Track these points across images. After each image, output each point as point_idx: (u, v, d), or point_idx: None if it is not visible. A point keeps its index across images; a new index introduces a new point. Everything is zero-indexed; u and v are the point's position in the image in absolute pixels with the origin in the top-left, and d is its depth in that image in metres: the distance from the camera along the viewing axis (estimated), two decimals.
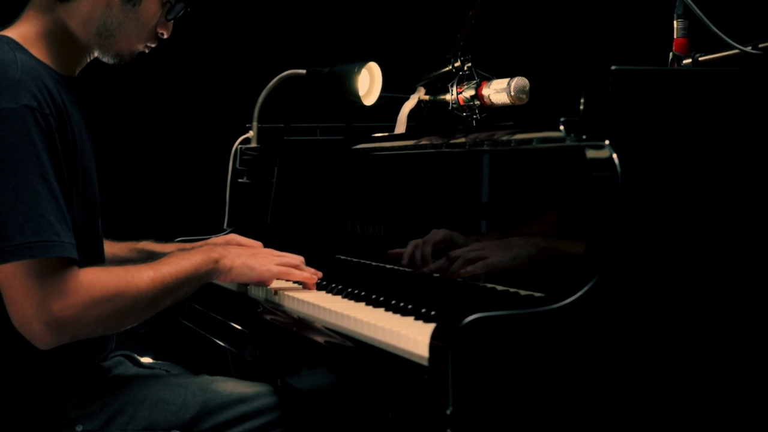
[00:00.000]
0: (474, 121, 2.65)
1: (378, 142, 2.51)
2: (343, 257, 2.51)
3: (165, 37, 2.20)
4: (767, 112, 1.65)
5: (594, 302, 1.55)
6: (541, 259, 1.82)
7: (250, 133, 3.00)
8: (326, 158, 2.78)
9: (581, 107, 1.62)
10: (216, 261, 2.12)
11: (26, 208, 1.85)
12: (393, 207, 2.34)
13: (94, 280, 1.91)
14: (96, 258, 2.14)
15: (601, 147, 1.59)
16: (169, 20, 2.18)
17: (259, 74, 3.06)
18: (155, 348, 2.44)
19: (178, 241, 2.91)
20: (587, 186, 1.62)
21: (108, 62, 2.17)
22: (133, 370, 2.25)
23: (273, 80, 2.98)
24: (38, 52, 2.04)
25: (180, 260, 2.07)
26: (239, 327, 2.43)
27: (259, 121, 2.99)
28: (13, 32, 2.06)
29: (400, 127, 2.77)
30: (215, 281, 2.17)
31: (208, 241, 2.50)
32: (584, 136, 1.63)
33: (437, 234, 2.10)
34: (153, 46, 2.20)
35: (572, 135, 1.64)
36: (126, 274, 1.97)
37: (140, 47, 2.17)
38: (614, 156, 1.57)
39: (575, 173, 1.66)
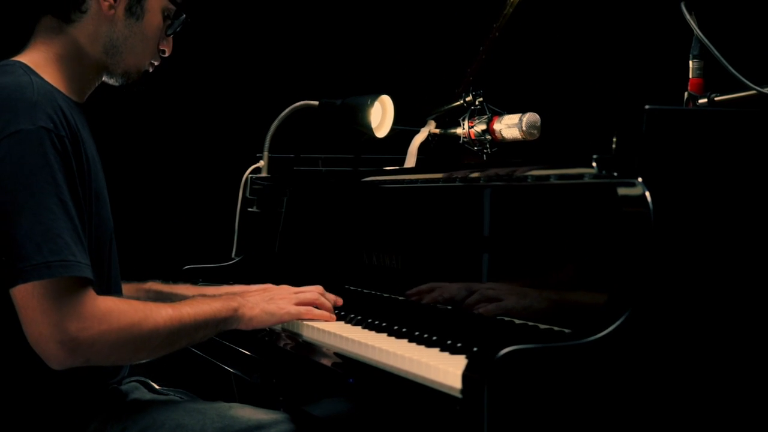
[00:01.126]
0: (485, 155, 2.69)
1: (396, 175, 2.54)
2: (352, 288, 2.53)
3: (166, 54, 2.23)
4: None
5: (625, 337, 1.58)
6: (565, 294, 1.86)
7: (261, 163, 3.03)
8: (336, 189, 2.81)
9: (613, 145, 1.66)
10: (235, 310, 2.13)
11: (44, 229, 1.86)
12: (409, 239, 2.37)
13: (113, 308, 1.93)
14: (109, 279, 2.15)
15: (634, 184, 1.62)
16: (169, 35, 2.21)
17: (270, 104, 3.10)
18: (159, 375, 2.44)
19: (187, 269, 2.93)
20: (619, 222, 1.65)
21: (116, 83, 2.20)
22: (149, 395, 2.26)
23: (285, 111, 3.01)
24: (49, 77, 2.06)
25: (201, 304, 2.08)
26: (252, 354, 2.44)
27: (269, 151, 3.02)
28: (24, 58, 2.08)
29: (411, 159, 2.80)
30: (236, 328, 2.17)
31: (234, 288, 2.51)
32: (615, 173, 1.66)
33: (458, 268, 2.13)
34: (156, 64, 2.23)
35: (604, 172, 1.67)
36: (145, 308, 1.99)
37: (145, 64, 2.20)
38: (647, 193, 1.60)
39: (605, 209, 1.69)
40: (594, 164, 1.68)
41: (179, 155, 4.00)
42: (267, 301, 2.20)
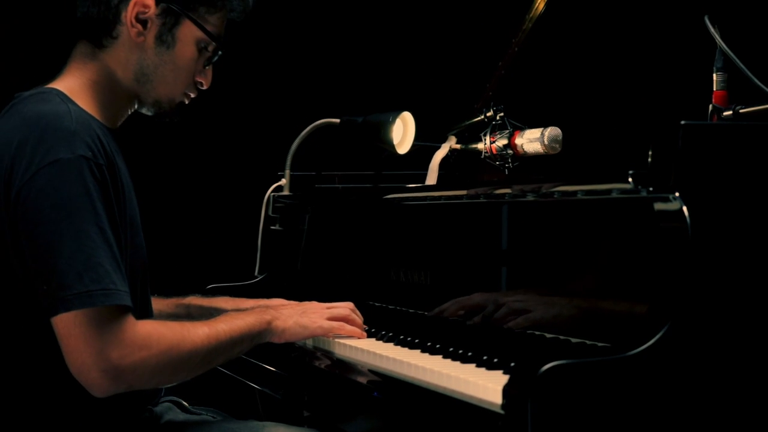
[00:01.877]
0: (506, 170, 2.70)
1: (419, 192, 2.55)
2: (377, 304, 2.54)
3: (204, 87, 2.22)
4: None
5: (666, 350, 1.60)
6: (596, 309, 1.87)
7: (283, 181, 3.04)
8: (358, 207, 2.83)
9: (649, 160, 1.67)
10: (269, 322, 2.16)
11: (85, 257, 1.87)
12: (436, 255, 2.38)
13: (152, 332, 1.94)
14: (145, 305, 2.16)
15: (671, 199, 1.64)
16: (206, 67, 2.21)
17: (292, 123, 3.11)
18: (188, 394, 2.46)
19: (210, 288, 2.95)
20: (656, 237, 1.66)
21: (148, 113, 2.20)
22: (182, 416, 2.27)
23: (306, 129, 3.02)
24: (84, 103, 2.07)
25: (234, 319, 2.10)
26: (280, 371, 2.46)
27: (291, 169, 3.03)
28: (60, 85, 2.09)
29: (432, 175, 2.82)
30: (269, 341, 2.19)
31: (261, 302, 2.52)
32: (651, 188, 1.68)
33: (487, 283, 2.15)
34: (193, 96, 2.22)
35: (640, 187, 1.68)
36: (182, 329, 2.00)
37: (179, 95, 2.19)
38: (684, 208, 1.62)
39: (642, 224, 1.71)
40: (630, 179, 1.69)
41: (202, 174, 4.03)
42: (300, 315, 2.22)
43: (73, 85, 2.09)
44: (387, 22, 4.15)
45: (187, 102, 2.23)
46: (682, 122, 1.63)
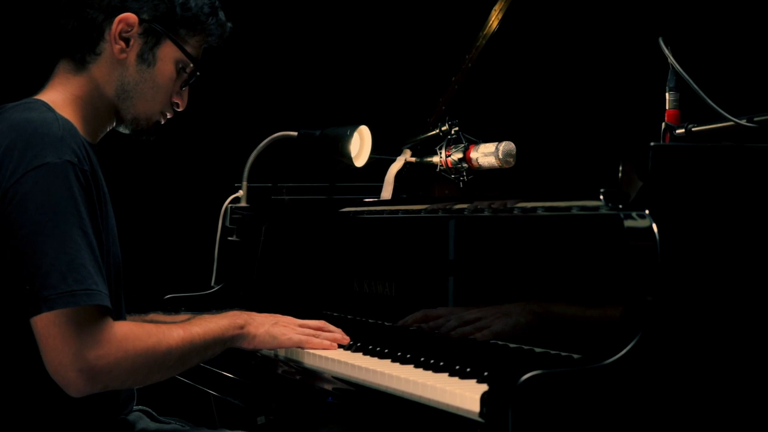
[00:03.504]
0: (461, 183, 2.77)
1: (374, 206, 2.61)
2: (335, 314, 2.59)
3: (180, 108, 2.29)
4: None
5: (637, 359, 1.68)
6: (560, 320, 1.95)
7: (240, 193, 3.08)
8: (314, 219, 2.88)
9: (619, 178, 1.75)
10: (241, 327, 2.21)
11: (69, 259, 1.92)
12: (396, 268, 2.44)
13: (128, 333, 1.99)
14: (119, 310, 2.20)
15: (641, 217, 1.72)
16: (183, 88, 2.26)
17: (249, 135, 3.16)
18: (153, 404, 2.49)
19: (168, 298, 2.98)
20: (626, 253, 1.74)
21: (125, 131, 2.26)
22: (153, 425, 2.30)
23: (264, 141, 3.07)
24: (67, 116, 2.10)
25: (208, 323, 2.16)
26: (242, 380, 2.50)
27: (248, 181, 3.08)
28: (44, 97, 2.13)
29: (387, 187, 2.88)
30: (239, 346, 2.23)
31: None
32: (621, 206, 1.76)
33: (453, 295, 2.21)
34: (169, 116, 2.28)
35: (610, 205, 1.76)
36: (157, 331, 2.05)
37: (156, 114, 2.25)
38: (653, 226, 1.70)
39: (611, 241, 1.79)
40: (601, 197, 1.77)
41: (160, 185, 4.06)
42: (272, 324, 2.27)
43: (56, 98, 2.14)
44: (345, 37, 4.22)
45: (162, 121, 2.29)
46: (652, 144, 1.72)
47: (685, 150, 1.78)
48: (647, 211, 1.71)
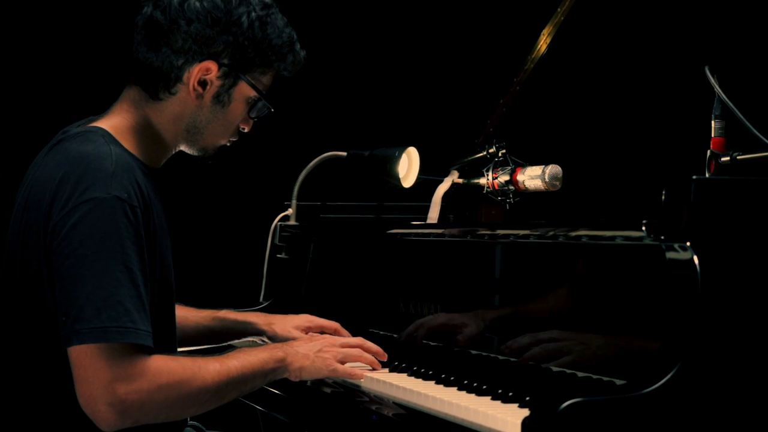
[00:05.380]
0: (507, 205, 2.81)
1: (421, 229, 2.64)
2: (381, 333, 2.64)
3: (246, 131, 2.31)
4: None
5: (675, 389, 1.70)
6: (606, 347, 1.98)
7: (289, 211, 3.13)
8: (361, 239, 2.93)
9: (662, 210, 1.78)
10: (282, 360, 2.19)
11: (106, 294, 1.94)
12: (442, 290, 2.48)
13: (162, 367, 1.99)
14: (169, 342, 2.22)
15: (683, 249, 1.75)
16: (252, 118, 2.29)
17: (299, 154, 3.21)
18: (201, 418, 2.54)
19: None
20: (667, 284, 1.77)
21: (192, 154, 2.29)
22: None
23: (313, 161, 3.12)
24: (128, 144, 2.15)
25: (247, 356, 2.14)
26: (288, 396, 2.55)
27: (298, 199, 3.13)
28: (106, 123, 2.17)
29: (435, 208, 2.92)
30: (284, 377, 2.23)
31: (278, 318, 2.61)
32: (663, 237, 1.79)
33: (496, 317, 2.25)
34: (235, 140, 2.31)
35: (652, 236, 1.79)
36: (193, 365, 2.04)
37: (224, 142, 2.28)
38: (694, 257, 1.73)
39: (653, 271, 1.82)
40: (643, 228, 1.80)
41: (212, 203, 4.15)
42: (315, 355, 2.25)
43: (120, 125, 2.17)
44: (396, 59, 4.28)
45: (228, 145, 2.31)
46: (694, 177, 1.74)
47: (727, 183, 1.81)
48: (689, 243, 1.73)
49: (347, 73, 4.26)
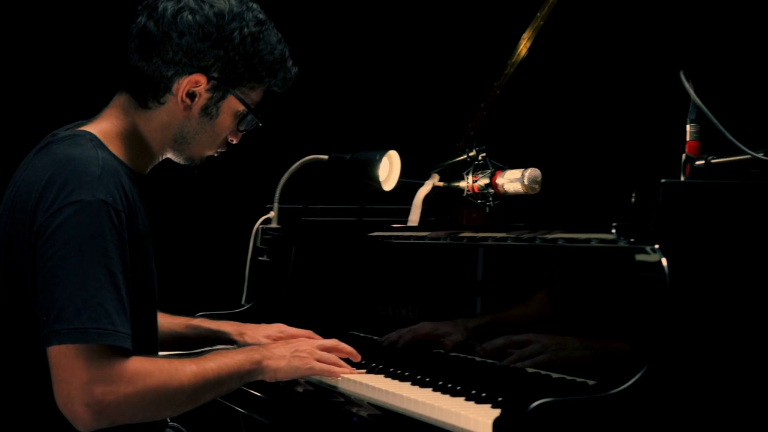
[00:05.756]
0: (487, 208, 2.83)
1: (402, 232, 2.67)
2: (361, 334, 2.66)
3: (234, 143, 2.34)
4: None
5: (644, 389, 1.73)
6: (578, 348, 2.00)
7: (271, 214, 3.16)
8: (343, 242, 2.95)
9: (631, 214, 1.80)
10: (258, 362, 2.21)
11: (87, 296, 1.96)
12: (421, 292, 2.50)
13: (139, 369, 2.00)
14: (150, 346, 2.24)
15: (651, 251, 1.77)
16: (241, 131, 2.31)
17: (281, 158, 3.23)
18: (183, 420, 2.56)
19: (199, 316, 3.04)
20: (636, 286, 1.80)
21: (179, 163, 2.32)
22: None
23: (295, 164, 3.14)
24: (115, 149, 2.17)
25: (223, 358, 2.16)
26: (268, 398, 2.57)
27: (279, 202, 3.15)
28: (95, 127, 2.19)
29: (415, 211, 2.94)
30: (259, 380, 2.24)
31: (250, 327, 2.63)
32: (632, 240, 1.81)
33: (472, 319, 2.27)
34: (223, 150, 2.34)
35: (623, 238, 1.82)
36: (169, 366, 2.06)
37: (211, 153, 2.31)
38: (663, 260, 1.75)
39: (625, 273, 1.84)
40: (614, 230, 1.83)
41: (194, 206, 4.17)
42: (292, 355, 2.26)
43: (108, 130, 2.19)
44: (377, 63, 4.31)
45: (216, 155, 2.34)
46: (662, 180, 1.77)
47: (695, 186, 1.83)
48: (657, 246, 1.76)
49: (329, 76, 4.29)
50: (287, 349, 2.29)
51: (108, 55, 2.39)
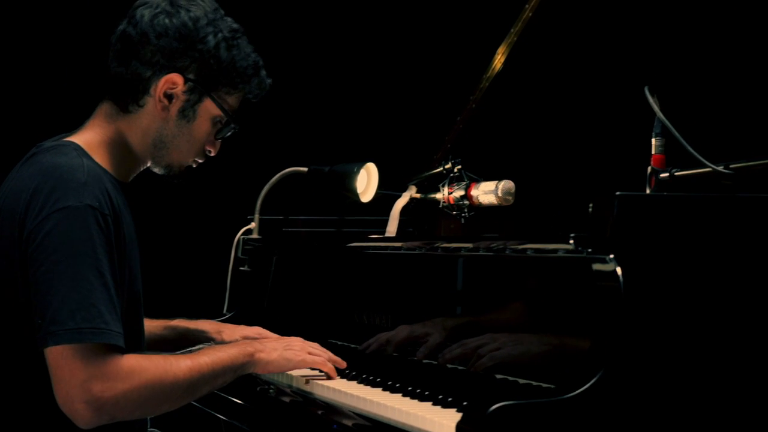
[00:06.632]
0: (462, 219, 2.89)
1: (379, 242, 2.74)
2: (339, 342, 2.72)
3: (212, 154, 2.41)
4: (745, 232, 1.93)
5: (600, 393, 1.80)
6: (542, 354, 2.07)
7: (252, 225, 3.22)
8: (323, 252, 3.01)
9: (589, 224, 1.88)
10: (251, 354, 2.29)
11: (80, 297, 2.04)
12: (396, 301, 2.57)
13: (135, 366, 2.09)
14: (137, 348, 2.29)
15: (607, 261, 1.85)
16: (217, 139, 2.39)
17: (262, 170, 3.30)
18: (165, 427, 2.63)
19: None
20: (593, 294, 1.87)
21: (158, 173, 2.39)
22: None
23: (275, 176, 3.20)
24: (99, 158, 2.24)
25: (217, 352, 2.25)
26: (248, 405, 2.63)
27: (260, 213, 3.21)
28: (79, 138, 2.26)
29: (393, 222, 3.00)
30: (252, 372, 2.33)
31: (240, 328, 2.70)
32: (589, 250, 1.88)
33: (443, 327, 2.34)
34: (200, 161, 2.40)
35: (580, 248, 1.89)
36: (164, 362, 2.14)
37: (189, 161, 2.38)
38: (618, 269, 1.82)
39: (581, 281, 1.91)
40: (571, 241, 1.90)
41: (176, 217, 4.24)
42: (284, 348, 2.36)
43: (91, 140, 2.27)
44: (356, 77, 4.39)
45: (194, 166, 2.41)
46: (617, 193, 1.84)
47: (648, 199, 1.91)
48: (612, 255, 1.83)
49: (308, 90, 4.37)
50: (279, 343, 2.39)
51: (91, 65, 2.46)
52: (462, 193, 2.86)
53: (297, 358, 2.37)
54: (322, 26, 4.39)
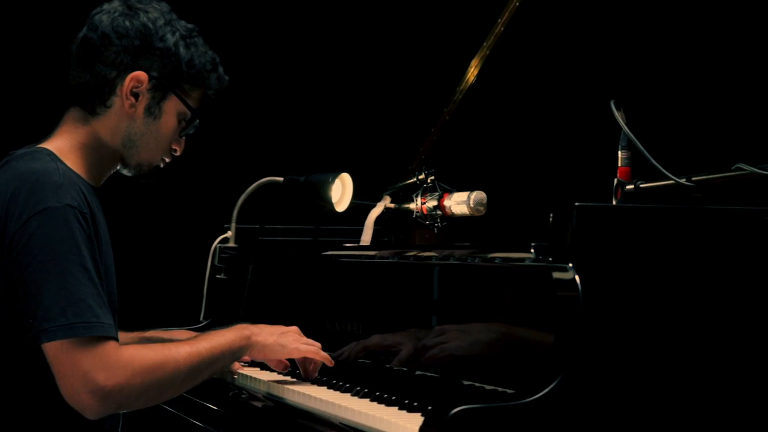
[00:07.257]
0: (435, 229, 2.94)
1: (353, 251, 2.78)
2: None
3: (178, 153, 2.47)
4: (703, 242, 1.98)
5: (558, 398, 1.85)
6: (505, 360, 2.12)
7: (229, 233, 3.26)
8: (298, 260, 3.06)
9: (550, 234, 1.93)
10: (248, 338, 2.39)
11: (69, 294, 2.09)
12: (367, 308, 2.61)
13: (135, 354, 2.15)
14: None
15: (566, 269, 1.90)
16: (181, 136, 2.45)
17: (238, 179, 3.35)
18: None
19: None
20: (552, 301, 1.92)
21: (129, 174, 2.44)
22: None
23: (252, 186, 3.25)
24: (72, 163, 2.29)
25: (215, 336, 2.33)
26: (219, 409, 2.67)
27: (237, 222, 3.26)
28: (51, 144, 2.31)
29: (368, 231, 3.05)
30: (249, 356, 2.41)
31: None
32: (550, 259, 1.93)
33: (413, 334, 2.39)
34: (168, 161, 2.46)
35: (540, 257, 1.94)
36: (165, 349, 2.21)
37: (158, 160, 2.43)
38: (576, 277, 1.88)
39: (540, 288, 1.96)
40: (532, 250, 1.95)
41: (153, 225, 4.29)
42: (280, 335, 2.45)
43: (62, 146, 2.31)
44: (331, 88, 4.44)
45: (162, 166, 2.46)
46: (576, 204, 1.89)
47: (605, 210, 1.96)
48: (571, 264, 1.88)
49: (284, 101, 4.42)
50: (275, 329, 2.47)
51: (54, 74, 2.51)
52: (435, 203, 2.90)
53: (292, 345, 2.45)
54: (299, 38, 4.45)
